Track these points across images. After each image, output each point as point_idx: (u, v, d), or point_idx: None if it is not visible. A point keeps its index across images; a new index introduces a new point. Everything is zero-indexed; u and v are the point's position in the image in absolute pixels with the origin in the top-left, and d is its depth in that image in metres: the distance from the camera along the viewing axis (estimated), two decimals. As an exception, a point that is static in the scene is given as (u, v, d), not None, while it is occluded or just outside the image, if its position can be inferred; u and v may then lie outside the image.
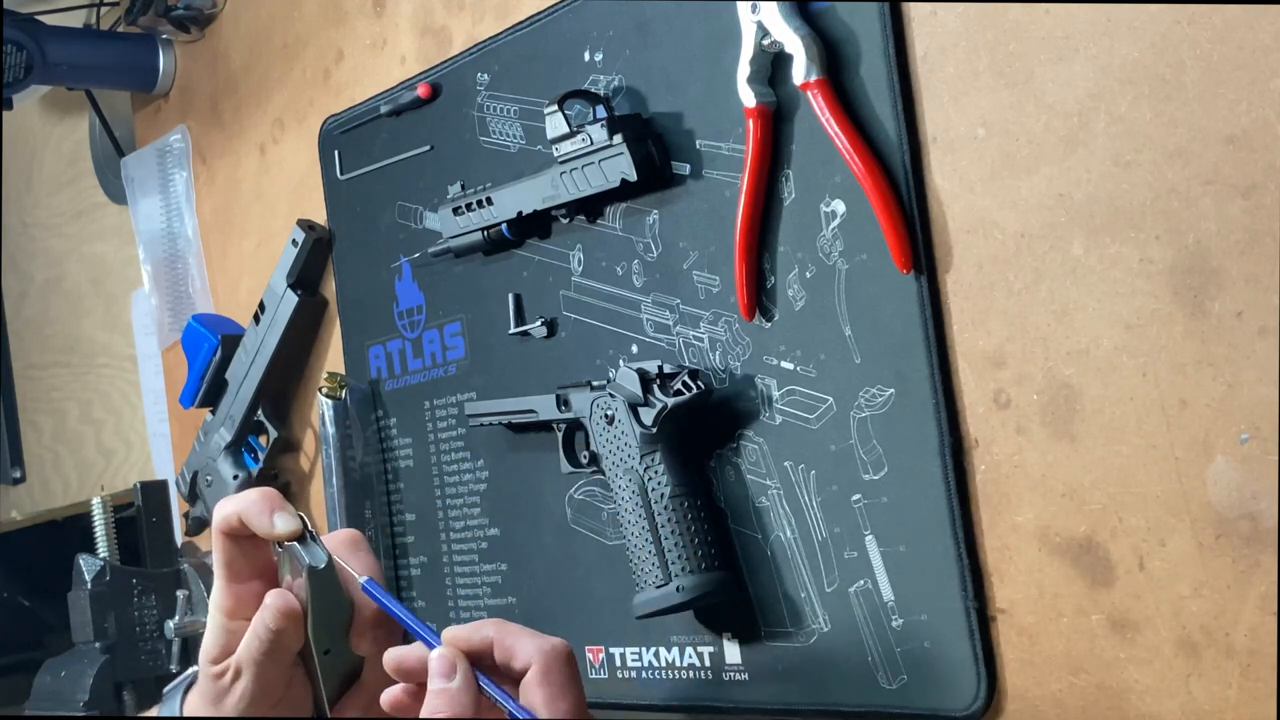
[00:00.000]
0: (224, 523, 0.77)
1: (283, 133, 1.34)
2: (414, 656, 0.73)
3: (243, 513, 0.76)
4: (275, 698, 0.78)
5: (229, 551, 0.77)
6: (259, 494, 0.77)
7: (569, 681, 0.70)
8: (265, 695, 0.78)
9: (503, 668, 0.71)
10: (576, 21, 0.98)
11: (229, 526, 0.77)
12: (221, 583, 0.78)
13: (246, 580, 0.78)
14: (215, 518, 0.77)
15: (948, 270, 0.77)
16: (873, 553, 0.81)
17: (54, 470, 1.92)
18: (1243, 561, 0.66)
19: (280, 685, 0.78)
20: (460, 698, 0.69)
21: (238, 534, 0.77)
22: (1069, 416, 0.72)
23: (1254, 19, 0.64)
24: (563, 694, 0.69)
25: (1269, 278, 0.64)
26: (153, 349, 1.61)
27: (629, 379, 0.90)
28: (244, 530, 0.76)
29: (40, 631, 2.05)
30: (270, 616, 0.76)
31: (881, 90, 0.79)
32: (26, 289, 1.97)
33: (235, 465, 1.31)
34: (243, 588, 0.78)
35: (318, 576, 0.75)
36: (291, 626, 0.76)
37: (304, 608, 0.76)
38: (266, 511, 0.76)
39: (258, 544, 0.78)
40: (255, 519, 0.76)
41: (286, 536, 0.75)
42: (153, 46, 1.52)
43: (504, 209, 1.01)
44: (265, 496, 0.76)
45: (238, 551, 0.77)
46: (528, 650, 0.70)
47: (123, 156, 1.62)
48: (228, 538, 0.77)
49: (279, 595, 0.76)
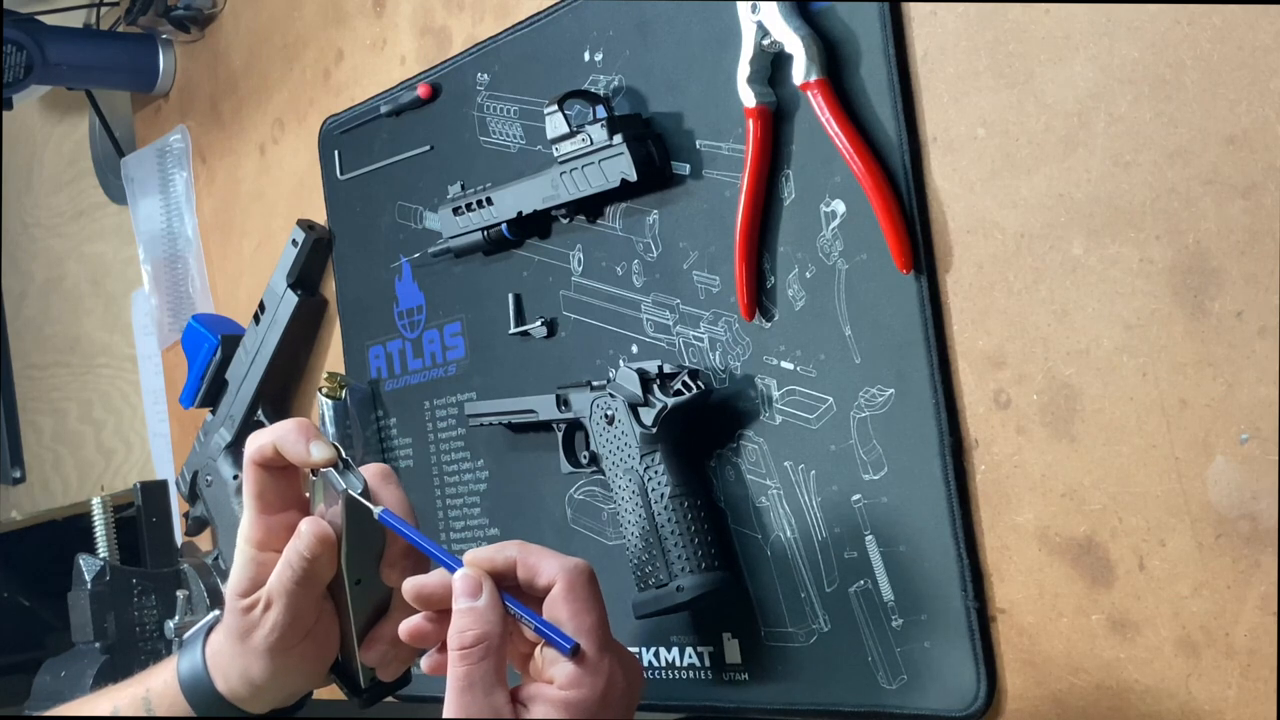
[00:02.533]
0: (258, 453, 0.77)
1: (283, 133, 1.34)
2: (435, 582, 0.73)
3: (278, 441, 0.76)
4: (304, 629, 0.79)
5: (261, 482, 0.78)
6: (294, 423, 0.77)
7: (592, 598, 0.70)
8: (295, 626, 0.79)
9: (526, 587, 0.72)
10: (576, 21, 0.98)
11: (263, 456, 0.77)
12: (251, 514, 0.78)
13: (277, 512, 0.79)
14: (249, 448, 0.77)
15: (948, 270, 0.77)
16: (873, 553, 0.81)
17: (54, 470, 1.92)
18: (1243, 561, 0.66)
19: (310, 616, 0.79)
20: (488, 615, 0.70)
21: (271, 464, 0.77)
22: (1069, 416, 0.72)
23: (1254, 19, 0.64)
24: (588, 609, 0.70)
25: (1269, 278, 0.64)
26: (153, 349, 1.61)
27: (629, 379, 0.90)
28: (278, 460, 0.77)
29: (40, 631, 2.05)
30: (305, 544, 0.76)
31: (881, 90, 0.79)
32: (26, 289, 1.97)
33: (235, 465, 1.31)
34: (274, 519, 0.78)
35: (353, 504, 0.75)
36: (326, 554, 0.76)
37: (338, 535, 0.76)
38: (303, 440, 0.76)
39: (289, 475, 0.78)
40: (291, 447, 0.76)
41: (323, 463, 0.76)
42: (153, 46, 1.52)
43: (504, 209, 1.01)
44: (300, 426, 0.77)
45: (270, 482, 0.78)
46: (551, 569, 0.70)
47: (123, 156, 1.62)
48: (260, 468, 0.77)
49: (314, 522, 0.77)
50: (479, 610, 0.70)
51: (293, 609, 0.78)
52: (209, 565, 1.34)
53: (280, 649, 0.79)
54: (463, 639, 0.69)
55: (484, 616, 0.70)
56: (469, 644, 0.69)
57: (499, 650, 0.69)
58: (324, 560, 0.77)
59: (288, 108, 1.33)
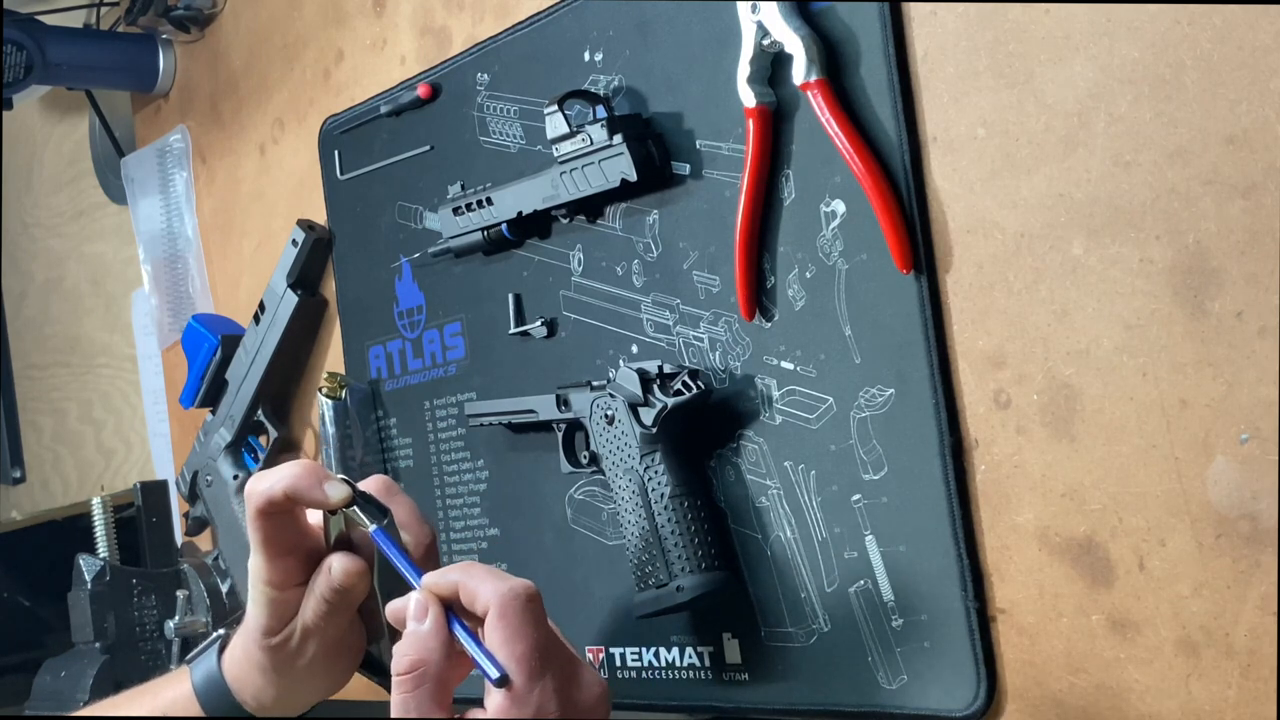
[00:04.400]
0: (267, 504, 0.76)
1: (283, 133, 1.34)
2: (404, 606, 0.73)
3: (292, 490, 0.75)
4: (342, 648, 0.81)
5: (268, 529, 0.77)
6: (300, 468, 0.76)
7: (525, 625, 0.69)
8: (333, 650, 0.80)
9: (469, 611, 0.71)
10: (576, 21, 0.98)
11: (273, 506, 0.76)
12: (264, 559, 0.78)
13: (290, 551, 0.78)
14: (255, 498, 0.76)
15: (948, 270, 0.77)
16: (873, 553, 0.81)
17: (54, 470, 1.92)
18: (1243, 561, 0.66)
19: (345, 634, 0.80)
20: (429, 641, 0.70)
21: (277, 510, 0.77)
22: (1069, 416, 0.72)
23: (1254, 19, 0.64)
24: (518, 636, 0.68)
25: (1269, 278, 0.64)
26: (153, 349, 1.61)
27: (629, 379, 0.90)
28: (284, 506, 0.76)
29: (40, 631, 2.05)
30: (339, 580, 0.77)
31: (881, 90, 0.79)
32: (26, 289, 1.97)
33: (235, 465, 1.31)
34: (288, 559, 0.78)
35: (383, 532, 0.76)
36: (359, 584, 0.77)
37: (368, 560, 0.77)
38: (317, 484, 0.76)
39: (295, 515, 0.78)
40: (308, 494, 0.76)
41: (342, 503, 0.76)
42: (153, 46, 1.52)
43: (504, 209, 1.01)
44: (309, 470, 0.76)
45: (278, 526, 0.77)
46: (486, 593, 0.70)
47: (123, 156, 1.62)
48: (267, 516, 0.77)
49: (346, 558, 0.77)
50: (420, 636, 0.70)
51: (331, 637, 0.80)
52: (209, 565, 1.34)
53: (322, 672, 0.81)
54: (399, 664, 0.69)
55: (424, 643, 0.70)
56: (404, 670, 0.69)
57: (437, 676, 0.69)
58: (358, 590, 0.77)
59: (288, 108, 1.33)
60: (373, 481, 0.79)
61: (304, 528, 0.79)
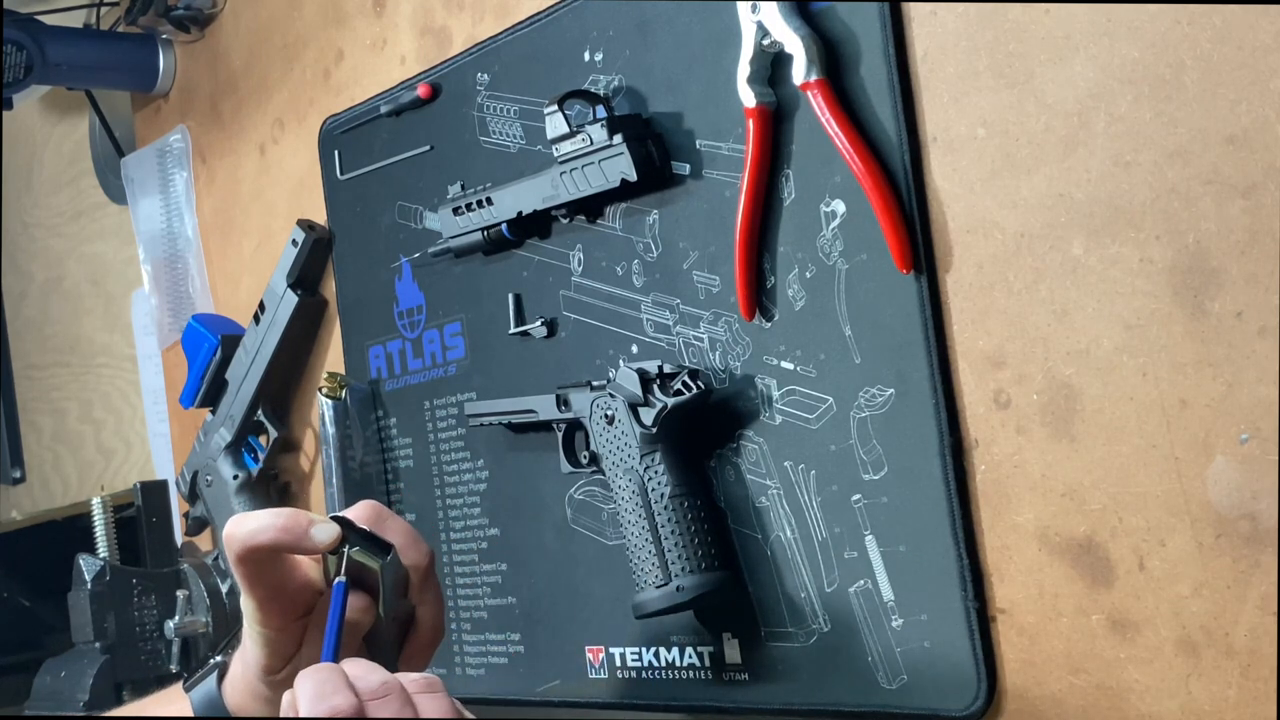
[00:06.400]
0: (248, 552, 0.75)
1: (283, 133, 1.34)
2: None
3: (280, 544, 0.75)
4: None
5: (253, 574, 0.76)
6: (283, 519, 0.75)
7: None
8: None
9: None
10: (576, 21, 0.98)
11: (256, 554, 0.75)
12: (255, 602, 0.77)
13: (279, 590, 0.77)
14: (234, 544, 0.75)
15: (948, 270, 0.77)
16: (873, 553, 0.81)
17: (54, 470, 1.92)
18: (1243, 561, 0.66)
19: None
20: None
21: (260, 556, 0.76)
22: (1069, 416, 0.72)
23: (1254, 19, 0.64)
24: None
25: (1269, 278, 0.64)
26: (153, 349, 1.61)
27: (629, 379, 0.90)
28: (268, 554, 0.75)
29: (40, 631, 2.05)
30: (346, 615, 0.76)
31: (881, 90, 0.79)
32: (26, 289, 1.97)
33: (235, 465, 1.31)
34: (280, 599, 0.77)
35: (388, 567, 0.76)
36: (365, 618, 0.77)
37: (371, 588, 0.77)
38: (303, 533, 0.75)
39: (281, 556, 0.77)
40: (297, 544, 0.75)
41: (334, 545, 0.75)
42: (153, 46, 1.52)
43: (504, 209, 1.01)
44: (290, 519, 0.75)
45: (263, 570, 0.76)
46: None
47: (123, 156, 1.62)
48: (251, 562, 0.76)
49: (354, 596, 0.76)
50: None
51: None
52: (209, 565, 1.34)
53: None
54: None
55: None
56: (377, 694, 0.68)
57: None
58: (363, 622, 0.77)
59: (288, 108, 1.33)
60: (361, 509, 0.79)
61: (290, 563, 0.78)
